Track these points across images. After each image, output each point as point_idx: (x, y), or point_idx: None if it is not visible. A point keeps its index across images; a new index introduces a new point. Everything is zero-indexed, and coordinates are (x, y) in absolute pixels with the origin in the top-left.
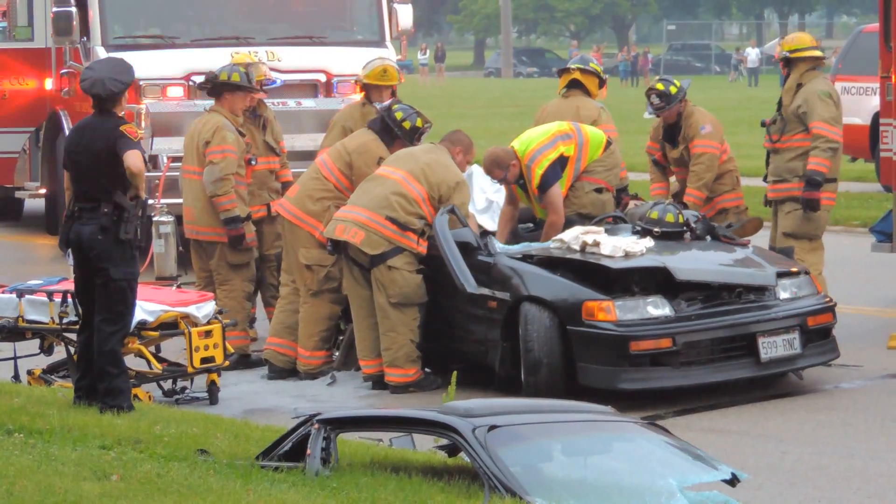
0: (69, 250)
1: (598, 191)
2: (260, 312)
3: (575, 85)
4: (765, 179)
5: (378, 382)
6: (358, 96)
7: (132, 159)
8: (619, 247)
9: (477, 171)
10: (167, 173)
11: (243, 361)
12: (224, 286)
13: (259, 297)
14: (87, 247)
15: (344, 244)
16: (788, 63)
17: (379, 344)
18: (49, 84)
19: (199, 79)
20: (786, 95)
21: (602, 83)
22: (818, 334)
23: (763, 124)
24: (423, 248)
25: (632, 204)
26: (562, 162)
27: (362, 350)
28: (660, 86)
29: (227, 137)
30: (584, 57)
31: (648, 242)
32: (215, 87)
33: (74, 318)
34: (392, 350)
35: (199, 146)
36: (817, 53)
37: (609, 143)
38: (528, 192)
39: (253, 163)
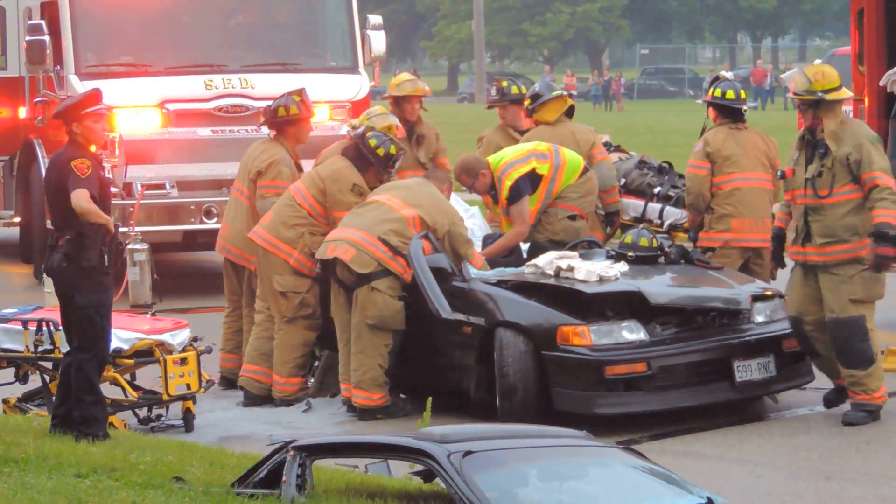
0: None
1: (572, 218)
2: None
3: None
4: (794, 240)
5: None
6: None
7: (75, 199)
8: (594, 271)
9: (452, 199)
10: (141, 201)
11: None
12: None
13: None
14: (55, 275)
15: (333, 267)
16: (818, 105)
17: None
18: (23, 113)
19: (173, 106)
20: (830, 141)
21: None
22: (793, 358)
23: (782, 176)
24: (409, 275)
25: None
26: (533, 178)
27: (343, 373)
28: None
29: (282, 173)
30: (551, 84)
31: (623, 267)
32: (275, 122)
33: (49, 347)
34: (360, 371)
35: (251, 172)
36: (847, 94)
37: (586, 170)
38: (499, 204)
39: None
